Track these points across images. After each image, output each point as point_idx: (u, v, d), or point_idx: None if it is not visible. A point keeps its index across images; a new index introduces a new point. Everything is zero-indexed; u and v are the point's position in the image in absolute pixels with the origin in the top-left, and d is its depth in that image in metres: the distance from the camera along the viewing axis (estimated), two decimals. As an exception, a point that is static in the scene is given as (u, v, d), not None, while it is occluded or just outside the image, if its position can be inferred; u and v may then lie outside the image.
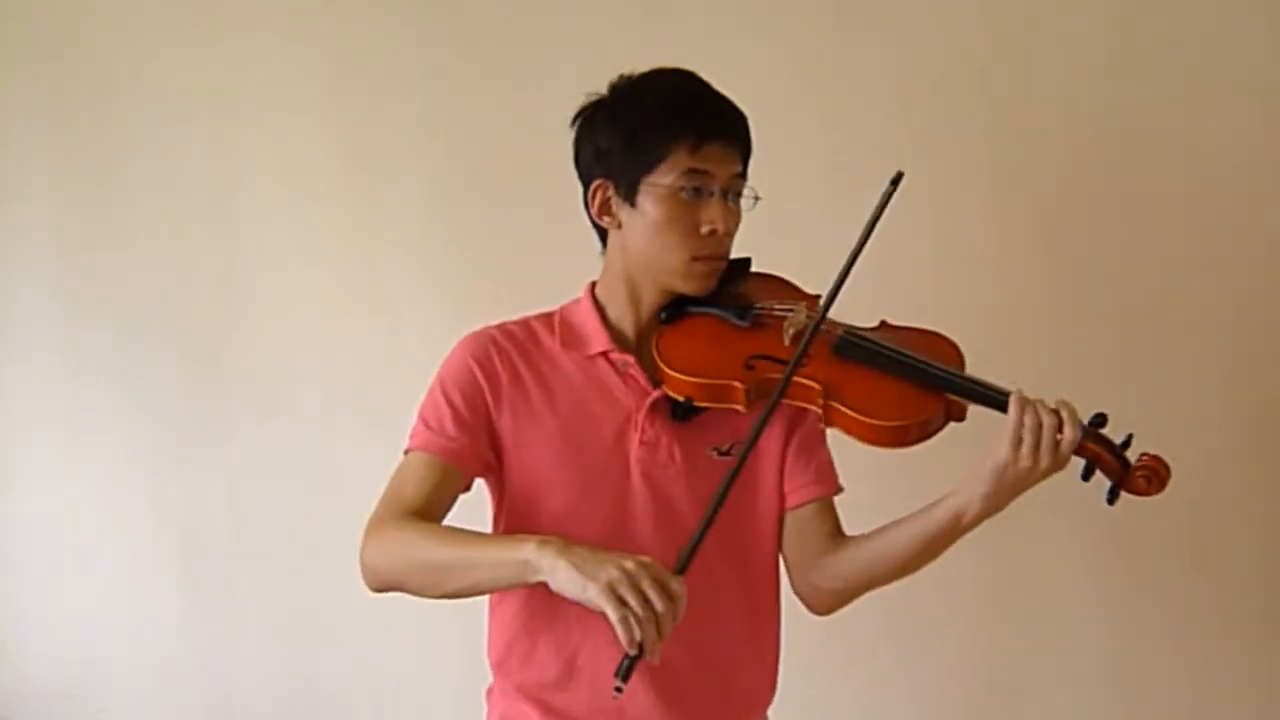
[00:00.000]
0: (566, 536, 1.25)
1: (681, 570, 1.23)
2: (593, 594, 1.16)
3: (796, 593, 1.51)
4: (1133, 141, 1.99)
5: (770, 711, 1.55)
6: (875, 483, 1.60)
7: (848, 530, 1.50)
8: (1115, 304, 2.01)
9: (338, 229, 2.39)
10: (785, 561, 1.51)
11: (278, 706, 2.51)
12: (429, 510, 1.38)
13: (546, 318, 1.50)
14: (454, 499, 1.42)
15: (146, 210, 2.52)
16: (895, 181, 1.36)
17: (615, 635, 1.16)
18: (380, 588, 1.37)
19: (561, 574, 1.19)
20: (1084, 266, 2.02)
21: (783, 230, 1.90)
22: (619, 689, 1.19)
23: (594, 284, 1.51)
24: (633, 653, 1.16)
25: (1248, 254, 1.95)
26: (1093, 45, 1.99)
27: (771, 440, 1.47)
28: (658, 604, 1.16)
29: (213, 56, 2.44)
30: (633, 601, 1.15)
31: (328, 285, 2.41)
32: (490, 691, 1.51)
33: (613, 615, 1.15)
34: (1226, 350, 1.97)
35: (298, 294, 2.43)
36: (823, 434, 1.49)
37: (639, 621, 1.15)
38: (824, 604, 1.50)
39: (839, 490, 1.50)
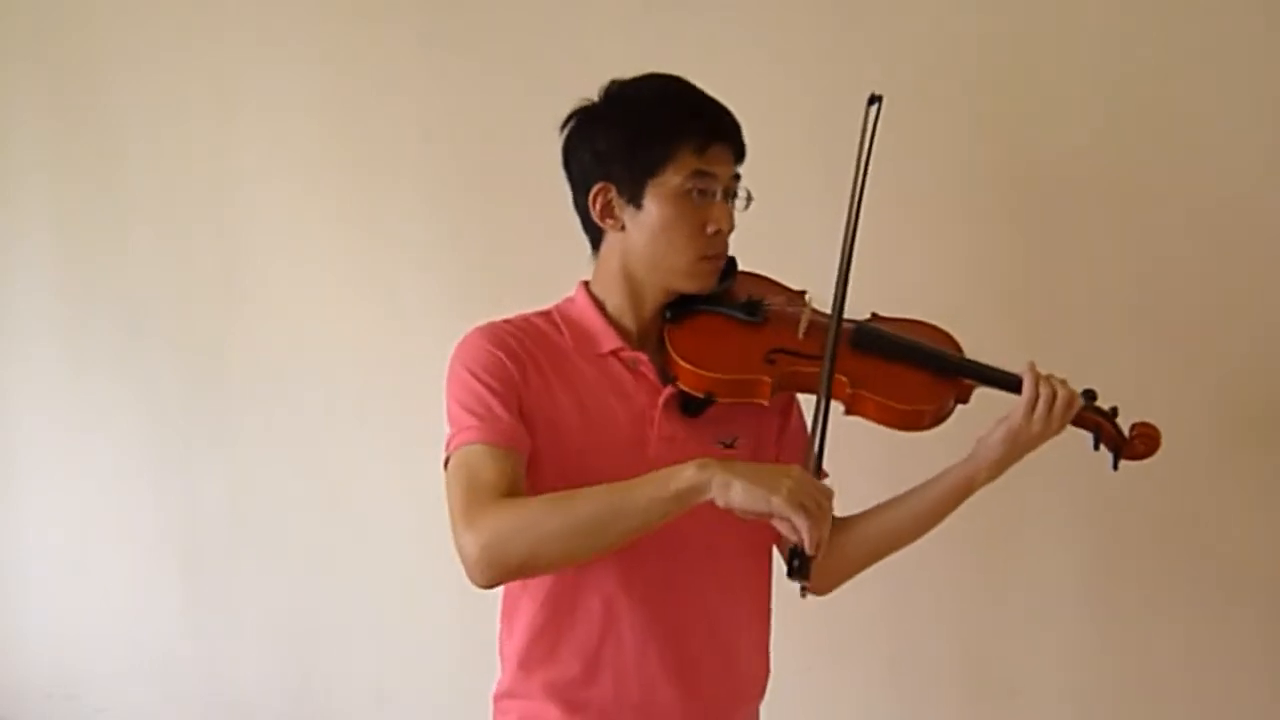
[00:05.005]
0: None
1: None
2: (778, 504, 1.20)
3: None
4: (1131, 139, 1.98)
5: (766, 708, 1.56)
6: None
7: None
8: (1113, 303, 2.01)
9: (338, 229, 2.39)
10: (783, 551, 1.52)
11: (278, 706, 2.51)
12: (517, 495, 1.32)
13: (545, 315, 1.50)
14: (523, 487, 1.36)
15: (146, 210, 2.53)
16: (872, 102, 1.46)
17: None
18: (501, 577, 1.31)
19: (738, 489, 1.21)
20: (1081, 265, 2.02)
21: (781, 227, 1.90)
22: (805, 589, 1.28)
23: (587, 283, 1.51)
24: (813, 552, 1.23)
25: (1247, 252, 1.95)
26: (1090, 41, 1.99)
27: (769, 430, 1.51)
28: (825, 505, 1.24)
29: (213, 56, 2.44)
30: (812, 506, 1.21)
31: (328, 285, 2.41)
32: (502, 695, 1.49)
33: (801, 521, 1.21)
34: (1226, 350, 1.97)
35: (298, 294, 2.43)
36: (805, 423, 1.54)
37: (816, 523, 1.21)
38: (826, 583, 1.54)
39: (825, 476, 1.53)
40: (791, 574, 1.25)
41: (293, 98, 2.40)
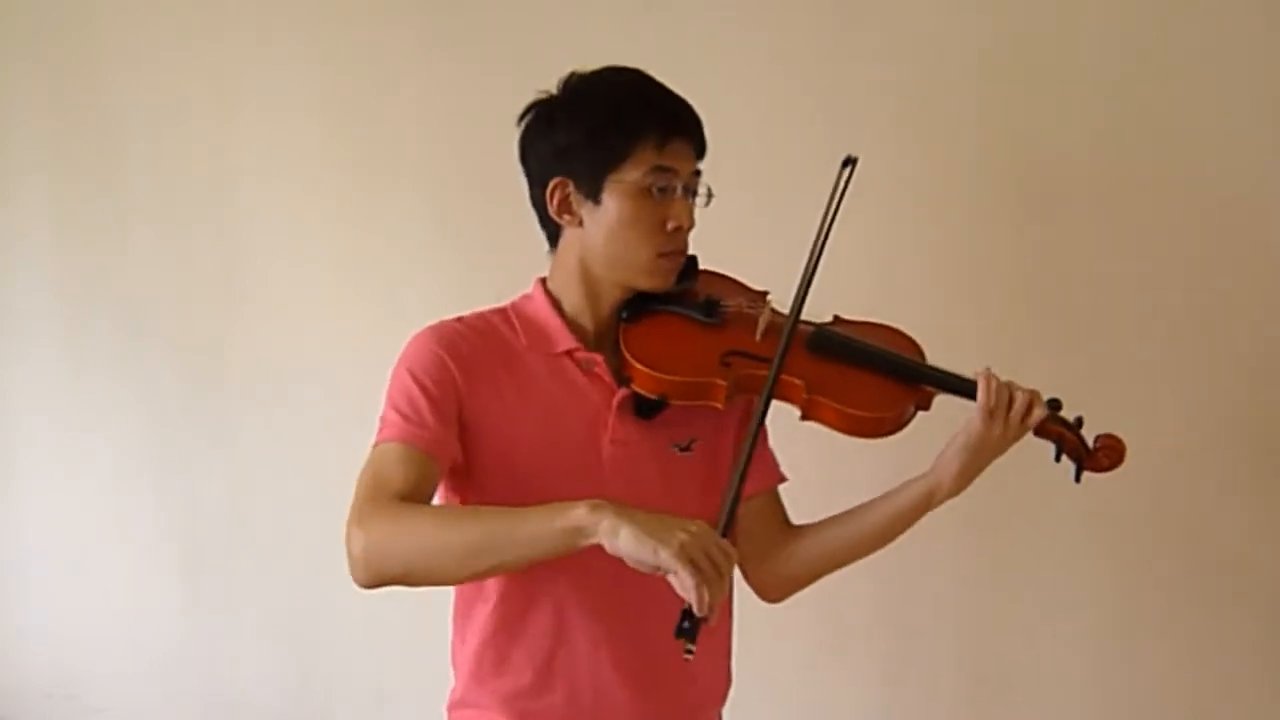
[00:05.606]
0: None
1: (723, 534, 1.22)
2: (665, 558, 1.12)
3: (751, 584, 1.52)
4: (1131, 139, 1.98)
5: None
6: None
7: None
8: (1113, 303, 2.01)
9: (338, 229, 2.40)
10: (739, 553, 1.48)
11: (278, 706, 2.51)
12: (418, 502, 1.31)
13: (501, 313, 1.48)
14: (433, 496, 1.36)
15: (146, 210, 2.53)
16: (847, 164, 1.42)
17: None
18: (378, 581, 1.27)
19: (626, 538, 1.14)
20: (1081, 265, 2.02)
21: (780, 227, 1.90)
22: (691, 651, 1.16)
23: (544, 280, 1.49)
24: (702, 614, 1.14)
25: (1247, 252, 1.95)
26: (1090, 41, 1.99)
27: (726, 435, 1.48)
28: (723, 565, 1.15)
29: (213, 56, 2.44)
30: (705, 564, 1.13)
31: (328, 285, 2.41)
32: (455, 704, 1.48)
33: (689, 579, 1.12)
34: (1226, 350, 1.97)
35: (298, 294, 2.43)
36: (765, 428, 1.51)
37: (709, 583, 1.13)
38: (781, 591, 1.53)
39: (784, 479, 1.54)
40: (678, 633, 1.16)
41: (293, 98, 2.40)
